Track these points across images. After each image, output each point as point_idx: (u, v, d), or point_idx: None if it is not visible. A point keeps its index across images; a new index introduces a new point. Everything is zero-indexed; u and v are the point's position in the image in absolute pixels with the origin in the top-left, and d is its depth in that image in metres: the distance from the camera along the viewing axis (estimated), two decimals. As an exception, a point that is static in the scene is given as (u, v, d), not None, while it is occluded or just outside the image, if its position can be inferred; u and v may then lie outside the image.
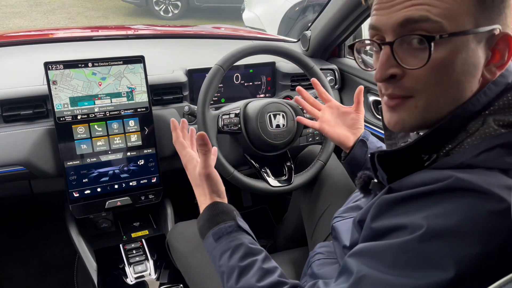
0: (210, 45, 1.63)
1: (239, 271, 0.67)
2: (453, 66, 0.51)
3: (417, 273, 0.46)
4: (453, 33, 0.50)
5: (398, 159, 0.56)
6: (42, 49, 1.39)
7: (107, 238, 1.30)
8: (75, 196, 1.13)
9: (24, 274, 1.55)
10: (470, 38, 0.51)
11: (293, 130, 1.15)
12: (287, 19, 4.70)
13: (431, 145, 0.54)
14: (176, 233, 1.08)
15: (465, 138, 0.52)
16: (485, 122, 0.52)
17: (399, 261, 0.47)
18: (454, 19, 0.50)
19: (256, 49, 1.12)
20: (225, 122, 1.11)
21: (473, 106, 0.53)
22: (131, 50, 1.45)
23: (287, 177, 1.14)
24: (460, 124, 0.53)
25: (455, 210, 0.46)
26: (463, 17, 0.50)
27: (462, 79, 0.52)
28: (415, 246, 0.47)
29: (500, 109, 0.52)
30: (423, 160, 0.54)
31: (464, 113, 0.53)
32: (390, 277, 0.47)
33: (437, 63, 0.51)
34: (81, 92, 1.09)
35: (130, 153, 1.17)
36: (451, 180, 0.47)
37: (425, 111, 0.54)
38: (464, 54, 0.51)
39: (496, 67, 0.53)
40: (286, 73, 1.41)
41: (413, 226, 0.48)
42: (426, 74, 0.52)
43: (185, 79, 1.26)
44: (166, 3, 6.99)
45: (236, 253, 0.69)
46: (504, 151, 0.49)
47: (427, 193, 0.49)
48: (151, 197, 1.22)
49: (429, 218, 0.47)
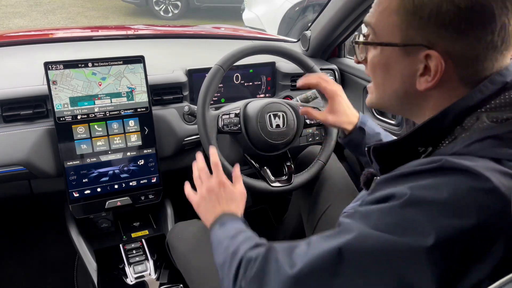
0: (210, 45, 1.63)
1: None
2: (381, 66, 0.61)
3: (397, 236, 0.48)
4: (367, 42, 0.62)
5: (393, 151, 0.59)
6: (42, 49, 1.39)
7: (107, 238, 1.30)
8: (75, 196, 1.13)
9: (24, 274, 1.55)
10: (392, 48, 0.58)
11: (293, 130, 1.15)
12: (287, 19, 4.70)
13: (425, 139, 0.56)
14: (176, 233, 1.08)
15: (460, 133, 0.54)
16: (479, 118, 0.53)
17: (382, 223, 0.50)
18: (383, 30, 0.59)
19: (256, 49, 1.12)
20: (225, 122, 1.11)
21: (466, 102, 0.54)
22: (131, 50, 1.45)
23: (287, 177, 1.14)
24: (454, 119, 0.55)
25: (440, 184, 0.48)
26: (390, 29, 0.57)
27: (392, 80, 0.60)
28: (398, 211, 0.49)
29: (496, 107, 0.53)
30: (419, 153, 0.57)
31: (456, 108, 0.55)
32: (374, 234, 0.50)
33: (370, 60, 0.62)
34: (81, 92, 1.09)
35: (130, 153, 1.17)
36: (442, 161, 0.49)
37: (376, 96, 0.65)
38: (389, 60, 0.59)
39: (428, 81, 0.56)
40: (286, 73, 1.41)
41: (399, 194, 0.50)
42: (368, 66, 0.64)
43: (185, 79, 1.26)
44: (166, 3, 6.99)
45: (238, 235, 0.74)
46: (495, 142, 0.50)
47: (418, 171, 0.51)
48: (151, 197, 1.22)
49: (414, 188, 0.49)
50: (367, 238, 0.50)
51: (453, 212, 0.47)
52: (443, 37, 0.53)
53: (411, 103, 0.60)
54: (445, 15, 0.52)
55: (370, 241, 0.49)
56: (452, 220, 0.47)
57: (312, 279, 0.53)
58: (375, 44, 0.60)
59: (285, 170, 1.17)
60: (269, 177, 1.13)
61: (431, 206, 0.48)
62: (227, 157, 1.10)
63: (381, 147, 0.60)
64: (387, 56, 0.59)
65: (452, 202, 0.47)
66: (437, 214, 0.47)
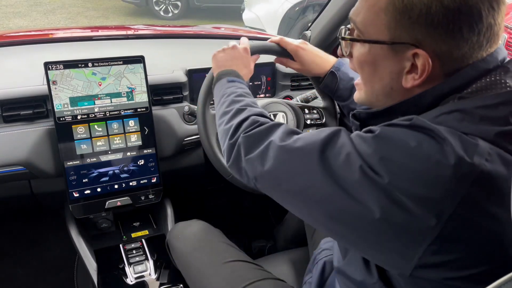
0: (210, 45, 1.63)
1: None
2: (369, 63, 0.61)
3: (365, 164, 0.53)
4: (352, 39, 0.62)
5: (372, 122, 0.62)
6: (42, 49, 1.39)
7: (107, 238, 1.30)
8: (75, 196, 1.13)
9: (24, 274, 1.55)
10: (380, 46, 0.58)
11: (293, 130, 1.14)
12: (287, 19, 4.70)
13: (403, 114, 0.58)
14: (176, 233, 1.08)
15: None
16: (455, 100, 0.55)
17: (360, 146, 0.55)
18: (369, 28, 0.59)
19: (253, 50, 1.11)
20: None
21: (444, 86, 0.56)
22: (131, 50, 1.45)
23: None
24: (432, 100, 0.57)
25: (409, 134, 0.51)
26: (377, 27, 0.58)
27: (378, 76, 0.61)
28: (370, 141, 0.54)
29: (473, 92, 0.54)
30: None
31: (434, 91, 0.57)
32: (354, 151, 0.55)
33: (357, 56, 0.62)
34: (81, 92, 1.09)
35: (130, 153, 1.17)
36: (413, 119, 0.53)
37: (365, 92, 0.65)
38: (376, 58, 0.60)
39: (415, 79, 0.57)
40: (286, 73, 1.41)
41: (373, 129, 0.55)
42: (355, 62, 0.64)
43: (185, 79, 1.26)
44: (166, 3, 6.99)
45: None
46: (460, 116, 0.52)
47: (393, 123, 0.55)
48: (151, 197, 1.22)
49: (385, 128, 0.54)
50: (348, 153, 0.55)
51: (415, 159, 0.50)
52: (431, 37, 0.54)
53: (397, 99, 0.61)
54: (434, 15, 0.52)
55: (348, 154, 0.55)
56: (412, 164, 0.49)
57: (291, 155, 0.62)
58: (364, 41, 0.60)
59: None
60: None
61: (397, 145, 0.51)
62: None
63: (360, 114, 0.65)
64: (375, 53, 0.59)
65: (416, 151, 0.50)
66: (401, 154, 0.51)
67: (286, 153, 0.62)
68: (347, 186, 0.53)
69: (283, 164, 0.62)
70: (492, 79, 0.54)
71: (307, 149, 0.60)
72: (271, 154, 0.64)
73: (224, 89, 0.88)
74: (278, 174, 0.63)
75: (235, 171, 0.73)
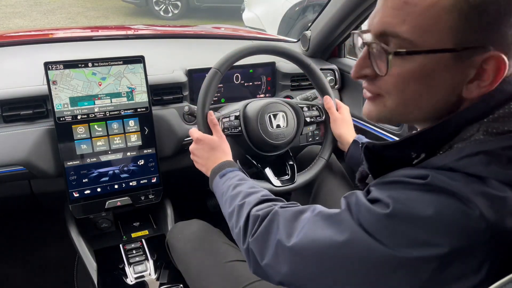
0: (210, 45, 1.63)
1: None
2: (421, 78, 0.52)
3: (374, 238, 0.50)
4: (411, 52, 0.50)
5: (385, 154, 0.58)
6: (42, 49, 1.39)
7: (107, 238, 1.30)
8: (75, 196, 1.13)
9: (24, 274, 1.55)
10: (444, 55, 0.50)
11: (294, 129, 1.15)
12: (287, 19, 4.70)
13: (421, 145, 0.55)
14: (176, 233, 1.08)
15: (456, 142, 0.52)
16: (480, 129, 0.50)
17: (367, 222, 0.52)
18: (424, 37, 0.49)
19: (252, 50, 1.11)
20: (225, 125, 1.11)
21: (469, 113, 0.52)
22: (131, 50, 1.45)
23: (290, 176, 1.14)
24: (455, 129, 0.52)
25: (426, 200, 0.48)
26: (436, 34, 0.49)
27: (433, 92, 0.53)
28: (383, 220, 0.50)
29: (499, 117, 0.50)
30: (412, 158, 0.56)
31: (459, 119, 0.52)
32: (355, 228, 0.53)
33: (404, 73, 0.52)
34: (81, 92, 1.09)
35: (130, 153, 1.17)
36: (428, 179, 0.49)
37: (392, 111, 0.57)
38: (435, 70, 0.51)
39: (480, 86, 0.51)
40: (286, 73, 1.41)
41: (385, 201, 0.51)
42: (392, 81, 0.54)
43: (185, 79, 1.26)
44: (166, 3, 6.99)
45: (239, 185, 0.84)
46: (486, 159, 0.48)
47: (406, 182, 0.51)
48: (151, 197, 1.22)
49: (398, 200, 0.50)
50: (360, 242, 0.52)
51: (438, 230, 0.47)
52: (503, 35, 0.48)
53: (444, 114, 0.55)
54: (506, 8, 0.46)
55: (361, 246, 0.51)
56: (437, 237, 0.47)
57: (304, 258, 0.58)
58: (424, 52, 0.50)
59: (288, 169, 1.17)
60: (271, 177, 1.13)
61: (414, 219, 0.48)
62: (227, 158, 1.10)
63: (374, 147, 0.59)
64: (432, 64, 0.50)
65: (436, 220, 0.47)
66: (421, 228, 0.47)
67: (298, 256, 0.59)
68: (371, 278, 0.51)
69: (299, 268, 0.60)
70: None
71: (317, 249, 0.56)
72: (283, 257, 0.61)
73: (220, 187, 0.88)
74: (299, 277, 0.60)
75: (261, 276, 0.70)
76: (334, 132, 1.15)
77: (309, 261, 0.58)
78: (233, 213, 0.78)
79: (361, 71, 0.57)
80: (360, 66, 0.57)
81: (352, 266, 0.52)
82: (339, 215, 0.57)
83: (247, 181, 0.87)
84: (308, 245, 0.58)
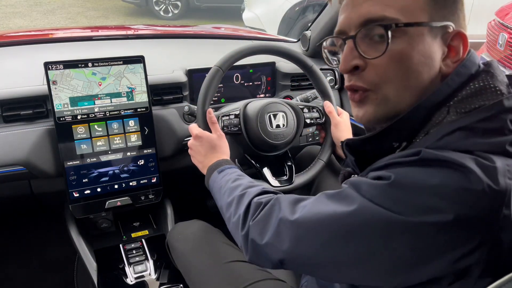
0: (210, 45, 1.63)
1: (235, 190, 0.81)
2: (410, 56, 0.56)
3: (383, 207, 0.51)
4: (407, 23, 0.55)
5: (367, 147, 0.60)
6: (42, 49, 1.39)
7: (107, 238, 1.30)
8: (75, 196, 1.13)
9: (24, 274, 1.55)
10: (425, 31, 0.55)
11: (293, 129, 1.15)
12: (287, 19, 4.70)
13: (398, 135, 0.57)
14: (176, 233, 1.08)
15: (431, 127, 0.55)
16: (449, 112, 0.54)
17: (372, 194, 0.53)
18: (409, 14, 0.55)
19: (254, 49, 1.11)
20: (225, 123, 1.11)
21: (436, 97, 0.56)
22: (131, 50, 1.45)
23: (288, 177, 1.14)
24: (425, 114, 0.56)
25: (423, 172, 0.50)
26: (418, 12, 0.55)
27: (420, 69, 0.56)
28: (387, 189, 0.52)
29: (463, 99, 0.55)
30: (394, 148, 0.58)
31: (427, 103, 0.56)
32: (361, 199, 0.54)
33: (396, 53, 0.56)
34: (81, 92, 1.09)
35: (130, 153, 1.17)
36: (422, 153, 0.51)
37: (385, 103, 0.58)
38: (420, 46, 0.55)
39: (452, 62, 0.57)
40: (286, 73, 1.41)
41: (385, 176, 0.52)
42: (386, 64, 0.56)
43: (185, 79, 1.26)
44: (166, 3, 6.99)
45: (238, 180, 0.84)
46: (463, 134, 0.51)
47: (401, 162, 0.53)
48: (151, 197, 1.22)
49: (397, 173, 0.52)
50: (366, 210, 0.53)
51: (442, 197, 0.48)
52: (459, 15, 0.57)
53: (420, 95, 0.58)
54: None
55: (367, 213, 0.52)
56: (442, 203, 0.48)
57: (307, 230, 0.59)
58: (412, 24, 0.55)
59: (286, 170, 1.17)
60: (269, 177, 1.13)
61: (418, 188, 0.50)
62: (227, 157, 1.10)
63: (353, 143, 0.61)
64: (416, 41, 0.55)
65: (438, 188, 0.49)
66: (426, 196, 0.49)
67: (301, 229, 0.60)
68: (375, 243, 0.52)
69: (302, 241, 0.60)
70: (481, 84, 0.54)
71: (321, 220, 0.57)
72: (285, 232, 0.62)
73: (219, 182, 0.88)
74: (301, 252, 0.60)
75: (257, 261, 0.70)
76: (334, 136, 1.16)
77: (312, 232, 0.58)
78: (231, 203, 0.78)
79: (351, 62, 0.59)
80: (349, 58, 0.59)
81: (357, 234, 0.53)
82: (343, 191, 0.58)
83: (246, 177, 0.87)
84: (312, 217, 0.58)
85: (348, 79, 0.61)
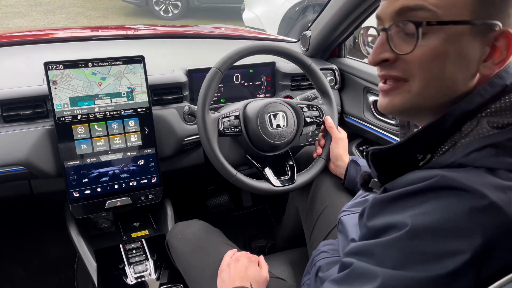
0: (210, 45, 1.63)
1: None
2: (444, 55, 0.52)
3: (404, 270, 0.47)
4: (442, 22, 0.51)
5: (391, 158, 0.57)
6: (42, 49, 1.39)
7: (107, 238, 1.30)
8: (75, 196, 1.13)
9: (24, 274, 1.55)
10: (464, 29, 0.51)
11: (293, 129, 1.15)
12: (287, 19, 4.70)
13: (425, 144, 0.55)
14: (176, 233, 1.08)
15: (460, 139, 0.52)
16: (479, 123, 0.52)
17: (388, 258, 0.49)
18: (449, 9, 0.51)
19: (252, 50, 1.11)
20: (225, 125, 1.11)
21: (466, 105, 0.53)
22: (131, 50, 1.45)
23: (290, 176, 1.14)
24: (454, 124, 0.53)
25: (437, 208, 0.47)
26: (460, 8, 0.51)
27: (455, 70, 0.53)
28: (401, 243, 0.48)
29: (496, 112, 0.52)
30: (418, 160, 0.55)
31: (457, 111, 0.53)
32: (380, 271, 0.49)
33: (428, 50, 0.52)
34: (81, 92, 1.09)
35: (130, 153, 1.17)
36: (437, 178, 0.48)
37: (418, 95, 0.55)
38: (457, 45, 0.52)
39: (494, 64, 0.53)
40: (286, 73, 1.41)
41: (399, 224, 0.49)
42: (416, 60, 0.53)
43: (185, 79, 1.26)
44: (166, 3, 6.99)
45: None
46: (494, 151, 0.49)
47: (413, 192, 0.50)
48: (151, 197, 1.22)
49: (414, 216, 0.48)
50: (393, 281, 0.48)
51: (457, 235, 0.46)
52: (510, 13, 0.51)
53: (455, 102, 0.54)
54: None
55: (398, 284, 0.47)
56: (456, 245, 0.46)
57: None
58: (449, 23, 0.51)
59: (287, 169, 1.17)
60: (271, 177, 1.13)
61: (433, 234, 0.47)
62: (227, 158, 1.10)
63: (380, 152, 0.57)
64: (453, 39, 0.52)
65: (452, 227, 0.46)
66: (440, 241, 0.46)
67: None
68: None
69: None
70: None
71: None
72: None
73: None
74: None
75: None
76: (333, 152, 1.15)
77: None
78: None
79: (380, 55, 0.57)
80: (379, 51, 0.57)
81: None
82: (353, 270, 0.52)
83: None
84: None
85: (380, 68, 0.59)
